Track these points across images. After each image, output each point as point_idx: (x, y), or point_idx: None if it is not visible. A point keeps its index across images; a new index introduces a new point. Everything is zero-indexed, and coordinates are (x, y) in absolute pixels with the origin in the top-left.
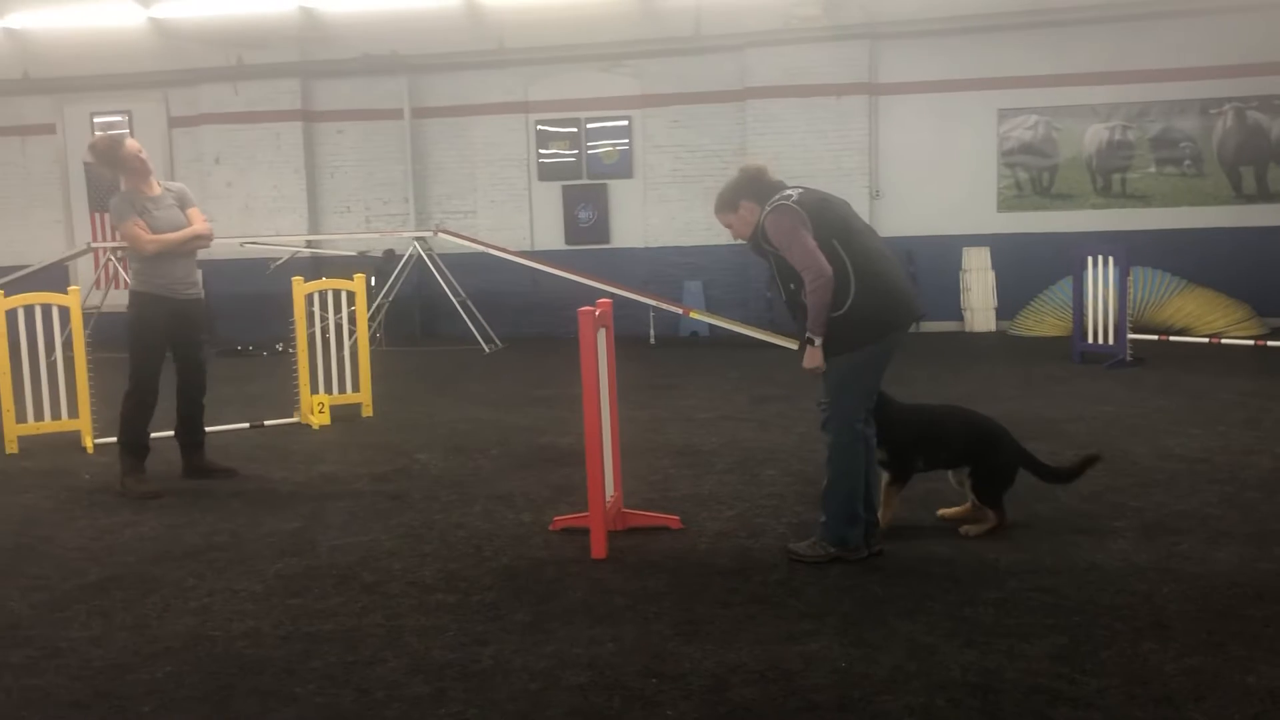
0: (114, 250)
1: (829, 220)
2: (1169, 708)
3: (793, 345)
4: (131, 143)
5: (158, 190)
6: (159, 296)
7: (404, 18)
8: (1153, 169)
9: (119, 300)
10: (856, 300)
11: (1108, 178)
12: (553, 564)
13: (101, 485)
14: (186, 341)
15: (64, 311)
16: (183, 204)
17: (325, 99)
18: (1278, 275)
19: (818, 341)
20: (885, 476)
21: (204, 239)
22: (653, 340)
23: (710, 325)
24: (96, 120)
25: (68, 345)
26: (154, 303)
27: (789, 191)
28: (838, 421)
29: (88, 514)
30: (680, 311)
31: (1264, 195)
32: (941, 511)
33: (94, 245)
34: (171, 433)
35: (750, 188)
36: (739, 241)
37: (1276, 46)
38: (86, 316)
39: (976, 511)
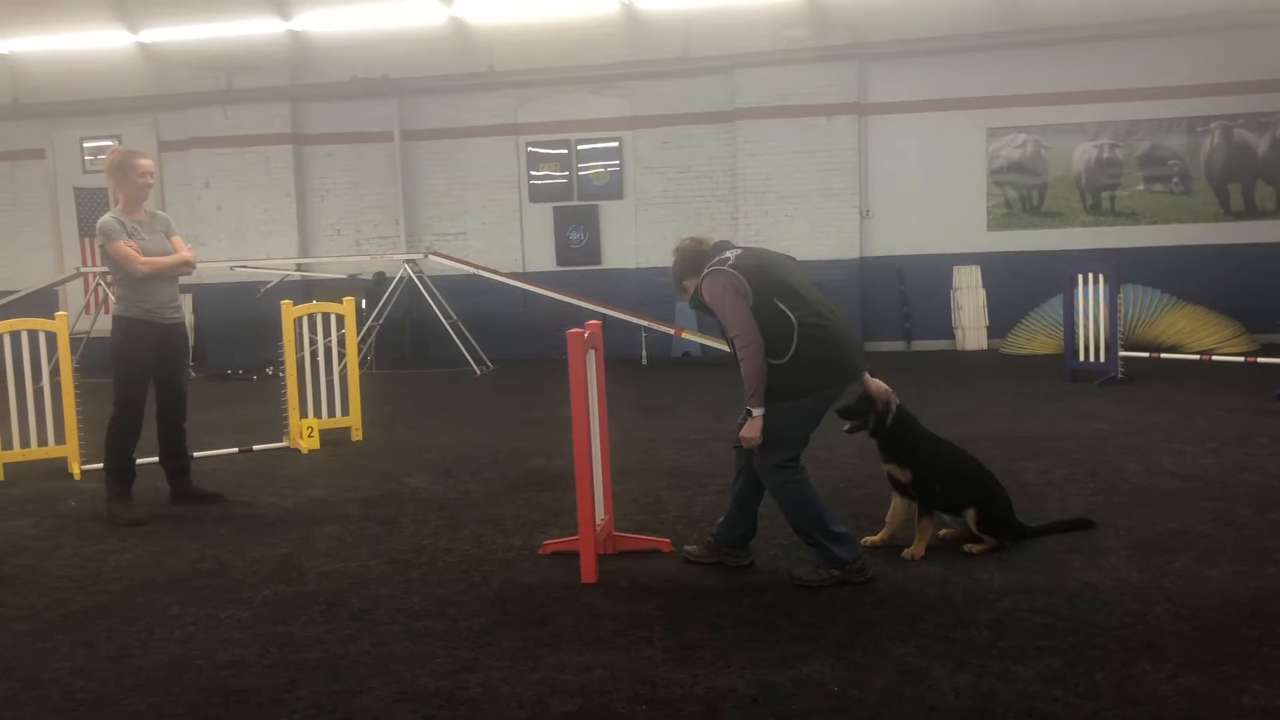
0: (103, 275)
1: (767, 280)
2: None
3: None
4: (147, 161)
5: (144, 216)
6: (145, 321)
7: (393, 41)
8: (1141, 187)
9: (108, 325)
10: (798, 351)
11: (1097, 196)
12: (542, 589)
13: (88, 512)
14: (170, 365)
15: (51, 337)
16: (167, 231)
17: (315, 122)
18: (1267, 292)
19: (756, 413)
20: (898, 501)
21: (190, 265)
22: (644, 361)
23: (702, 345)
24: (86, 145)
25: (55, 371)
26: (140, 327)
27: (727, 255)
28: (764, 465)
29: (73, 542)
30: (672, 332)
31: (1251, 212)
32: (943, 531)
33: (83, 270)
34: (157, 459)
35: (687, 267)
36: None
37: (1262, 64)
38: (75, 341)
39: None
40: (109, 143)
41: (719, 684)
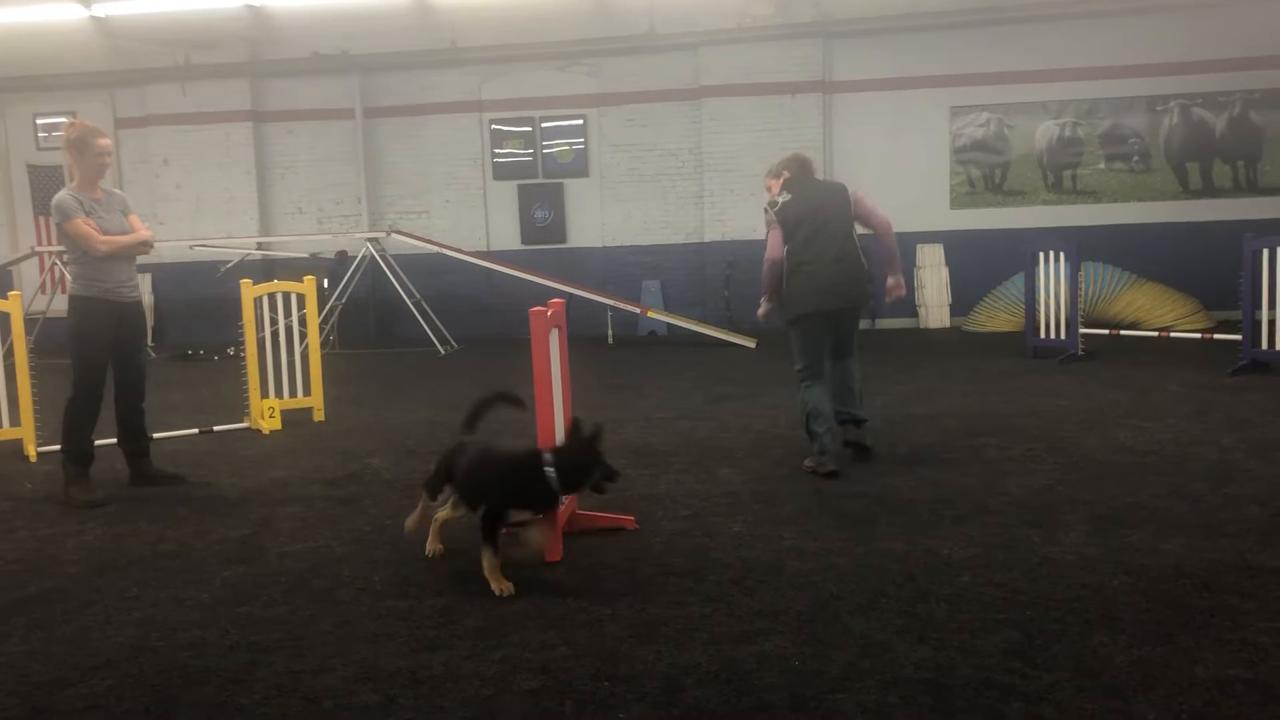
0: (59, 254)
1: (792, 230)
2: (1119, 699)
3: (750, 343)
4: (106, 140)
5: (100, 194)
6: (102, 300)
7: (354, 16)
8: (1102, 165)
9: (64, 305)
10: (787, 286)
11: (1058, 174)
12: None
13: (44, 494)
14: (129, 345)
15: (4, 317)
16: (124, 210)
17: (275, 99)
18: (1224, 269)
19: (763, 304)
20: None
21: (149, 245)
22: (611, 340)
23: (668, 324)
24: (40, 121)
25: (10, 352)
26: (98, 306)
27: (778, 200)
28: (795, 370)
29: (29, 524)
30: (638, 311)
31: (1209, 191)
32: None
33: (38, 249)
34: (115, 440)
35: (772, 172)
36: (694, 240)
37: (1220, 44)
38: (30, 322)
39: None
40: (63, 119)
41: (681, 660)
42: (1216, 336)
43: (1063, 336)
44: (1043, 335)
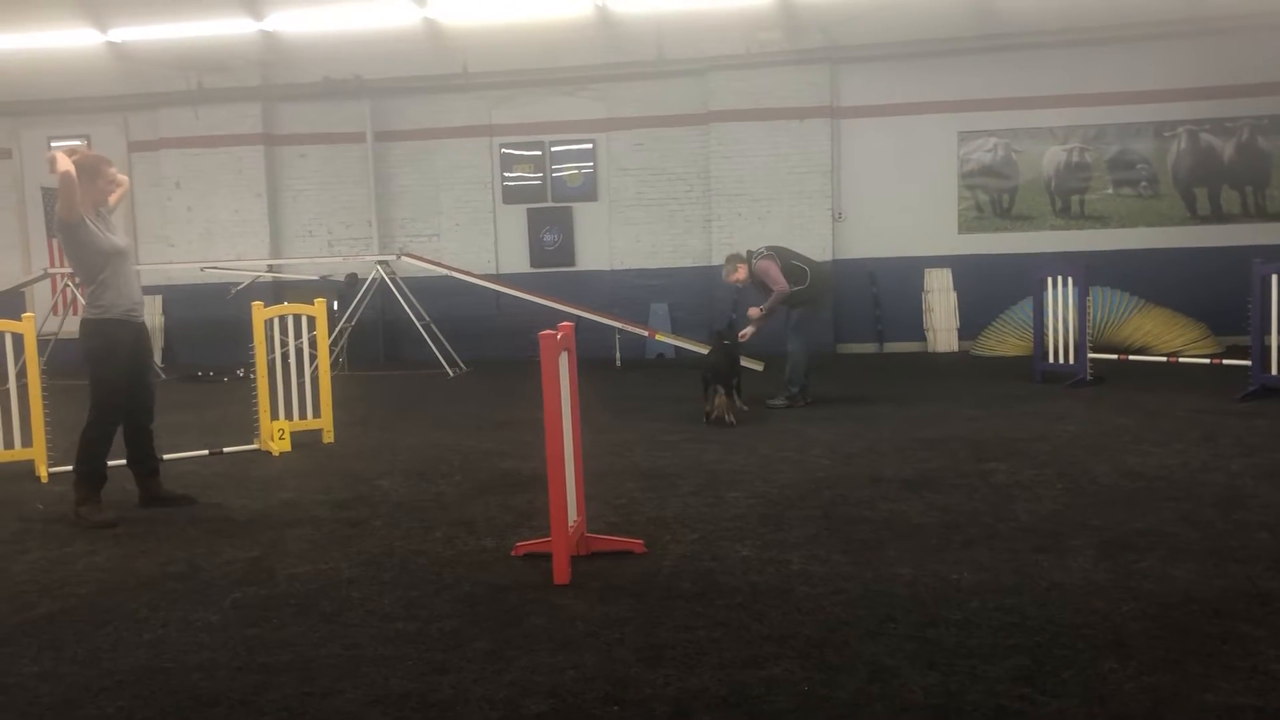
0: (70, 276)
1: (786, 258)
2: None
3: (757, 366)
4: (114, 169)
5: (96, 217)
6: (121, 321)
7: (366, 41)
8: (1110, 190)
9: (77, 327)
10: (810, 282)
11: (1066, 199)
12: (514, 590)
13: (55, 515)
14: (142, 366)
15: (18, 338)
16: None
17: (287, 123)
18: (1232, 294)
19: (755, 319)
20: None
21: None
22: (618, 363)
23: (676, 347)
24: (54, 145)
25: (22, 373)
26: (119, 329)
27: (762, 249)
28: (792, 336)
29: (39, 545)
30: (646, 334)
31: (1217, 216)
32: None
33: (51, 271)
34: (125, 461)
35: (729, 267)
36: (702, 264)
37: (1228, 70)
38: (43, 343)
39: None
40: (77, 142)
41: (690, 684)
42: (1225, 362)
43: (1071, 361)
44: (1051, 360)
